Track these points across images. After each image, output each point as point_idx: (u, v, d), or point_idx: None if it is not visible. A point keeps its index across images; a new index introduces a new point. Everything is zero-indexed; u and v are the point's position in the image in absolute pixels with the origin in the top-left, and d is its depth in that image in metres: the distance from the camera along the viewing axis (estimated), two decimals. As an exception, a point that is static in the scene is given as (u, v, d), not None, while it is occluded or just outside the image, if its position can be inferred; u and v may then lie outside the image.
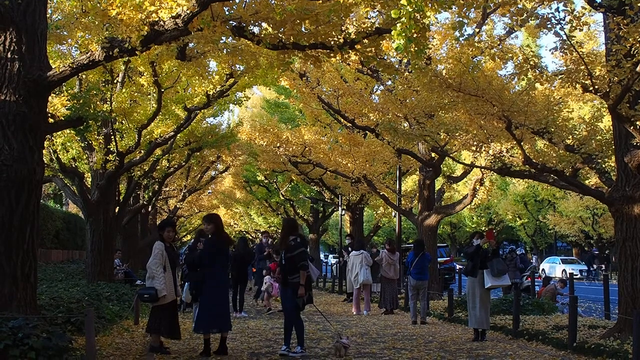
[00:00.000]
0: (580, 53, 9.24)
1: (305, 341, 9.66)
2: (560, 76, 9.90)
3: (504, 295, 16.58)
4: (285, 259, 9.49)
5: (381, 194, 21.81)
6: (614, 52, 8.99)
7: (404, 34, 6.30)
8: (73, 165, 16.49)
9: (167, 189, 30.69)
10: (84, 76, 14.77)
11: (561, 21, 8.76)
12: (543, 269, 42.88)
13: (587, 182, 14.27)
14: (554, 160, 11.79)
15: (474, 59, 11.92)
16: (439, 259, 22.62)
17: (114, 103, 14.07)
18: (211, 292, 9.21)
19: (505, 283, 11.59)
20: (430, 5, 6.62)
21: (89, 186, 17.30)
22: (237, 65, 14.21)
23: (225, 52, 10.33)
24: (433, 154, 18.45)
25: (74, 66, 8.53)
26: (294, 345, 9.41)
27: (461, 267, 19.13)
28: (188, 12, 7.69)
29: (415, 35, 6.41)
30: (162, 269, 9.15)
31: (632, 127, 9.19)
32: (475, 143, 13.24)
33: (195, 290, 9.42)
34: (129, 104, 15.04)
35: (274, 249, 16.47)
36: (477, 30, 16.62)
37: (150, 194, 24.18)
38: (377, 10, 9.89)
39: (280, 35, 8.05)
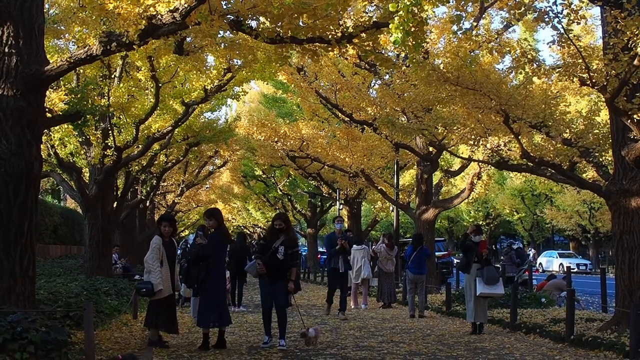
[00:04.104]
0: (578, 47, 9.25)
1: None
2: (557, 70, 9.91)
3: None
4: (285, 255, 9.44)
5: (379, 188, 21.84)
6: (611, 46, 8.99)
7: (401, 28, 6.29)
8: (71, 160, 16.48)
9: (165, 183, 30.69)
10: (81, 71, 14.76)
11: (559, 15, 8.75)
12: (540, 263, 42.96)
13: (584, 175, 14.33)
14: (551, 153, 11.81)
15: (472, 53, 11.95)
16: (436, 253, 22.66)
17: (111, 98, 14.05)
18: (212, 287, 9.23)
19: (498, 292, 11.46)
20: (427, -2, 6.62)
21: (87, 181, 17.29)
22: (235, 60, 14.19)
23: (222, 46, 10.32)
24: (431, 148, 18.46)
25: (72, 60, 8.51)
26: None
27: (458, 261, 19.16)
28: (186, 5, 7.68)
29: (412, 29, 6.41)
30: (159, 263, 9.16)
31: (629, 121, 9.20)
32: (472, 137, 13.25)
33: (197, 284, 9.42)
34: (127, 99, 15.02)
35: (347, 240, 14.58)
36: (474, 24, 16.60)
37: (148, 188, 24.17)
38: (375, 4, 9.88)
39: (278, 30, 8.04)
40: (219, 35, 9.28)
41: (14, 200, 8.33)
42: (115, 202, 17.80)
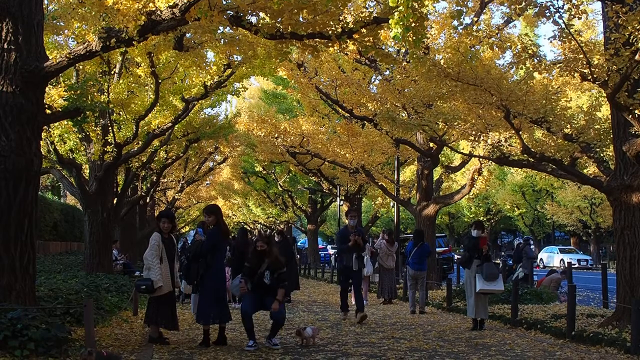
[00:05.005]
0: (579, 42, 9.22)
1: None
2: (558, 65, 9.88)
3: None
4: (271, 279, 9.16)
5: (379, 184, 21.82)
6: (612, 41, 8.96)
7: (401, 23, 6.27)
8: (71, 157, 16.46)
9: (165, 180, 30.69)
10: (81, 67, 14.74)
11: (560, 9, 8.73)
12: (541, 259, 42.96)
13: (585, 171, 14.29)
14: (552, 149, 11.79)
15: (472, 48, 11.89)
16: (437, 249, 22.66)
17: (111, 94, 14.03)
18: (212, 283, 9.22)
19: (497, 288, 11.43)
20: (428, -7, 6.60)
21: (87, 177, 17.27)
22: (235, 56, 14.16)
23: (222, 42, 10.29)
24: (431, 144, 18.44)
25: (71, 57, 8.49)
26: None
27: (459, 257, 19.15)
28: (185, 1, 7.65)
29: (413, 24, 6.38)
30: (159, 260, 9.14)
31: (630, 116, 9.18)
32: (473, 132, 13.22)
33: (196, 281, 9.42)
34: (127, 95, 15.00)
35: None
36: (475, 19, 16.57)
37: (148, 185, 24.16)
38: (375, 0, 9.86)
39: (278, 25, 8.01)
40: (218, 31, 9.26)
41: (14, 197, 8.32)
42: (115, 199, 17.79)
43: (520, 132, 11.58)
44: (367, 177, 21.78)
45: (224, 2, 8.10)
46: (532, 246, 21.14)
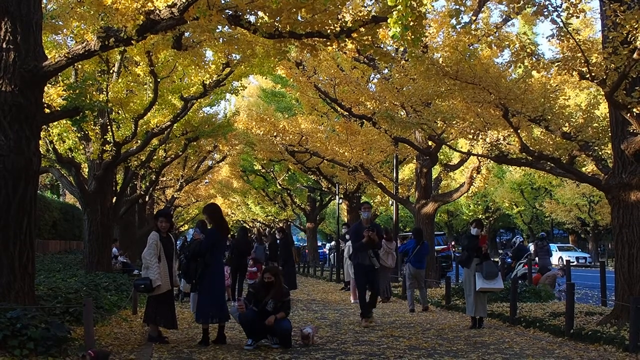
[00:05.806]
0: (577, 40, 9.23)
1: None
2: (556, 64, 9.89)
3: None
4: (274, 307, 9.22)
5: (378, 182, 21.83)
6: (610, 39, 8.98)
7: (400, 22, 6.28)
8: (70, 156, 16.48)
9: (164, 178, 30.71)
10: (79, 66, 14.74)
11: (558, 8, 8.75)
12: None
13: (583, 169, 14.32)
14: (550, 147, 11.80)
15: (471, 47, 11.91)
16: (436, 247, 22.68)
17: (110, 93, 14.03)
18: (211, 282, 9.23)
19: (497, 287, 11.46)
20: (426, -8, 6.61)
21: (86, 176, 17.28)
22: (234, 55, 14.17)
23: (221, 41, 10.30)
24: (430, 142, 18.45)
25: (70, 56, 8.50)
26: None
27: (458, 254, 19.20)
28: (184, 0, 7.66)
29: (411, 23, 6.40)
30: (157, 259, 9.15)
31: (628, 114, 9.19)
32: (472, 131, 13.24)
33: (195, 280, 9.42)
34: (125, 94, 15.02)
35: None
36: (473, 18, 16.51)
37: (147, 184, 24.17)
38: (374, -2, 9.86)
39: (277, 24, 8.02)
40: (217, 30, 9.27)
41: (13, 196, 8.33)
42: (115, 197, 17.80)
43: (519, 131, 11.59)
44: (366, 175, 21.79)
45: (223, 2, 8.11)
46: (520, 244, 21.16)
